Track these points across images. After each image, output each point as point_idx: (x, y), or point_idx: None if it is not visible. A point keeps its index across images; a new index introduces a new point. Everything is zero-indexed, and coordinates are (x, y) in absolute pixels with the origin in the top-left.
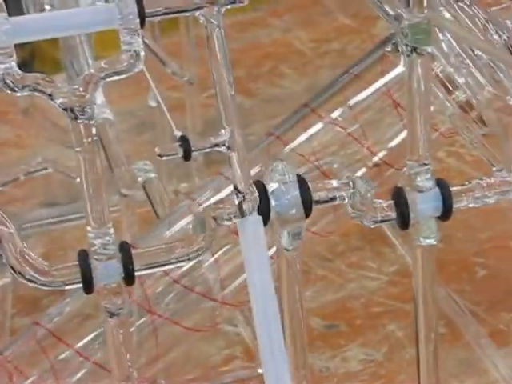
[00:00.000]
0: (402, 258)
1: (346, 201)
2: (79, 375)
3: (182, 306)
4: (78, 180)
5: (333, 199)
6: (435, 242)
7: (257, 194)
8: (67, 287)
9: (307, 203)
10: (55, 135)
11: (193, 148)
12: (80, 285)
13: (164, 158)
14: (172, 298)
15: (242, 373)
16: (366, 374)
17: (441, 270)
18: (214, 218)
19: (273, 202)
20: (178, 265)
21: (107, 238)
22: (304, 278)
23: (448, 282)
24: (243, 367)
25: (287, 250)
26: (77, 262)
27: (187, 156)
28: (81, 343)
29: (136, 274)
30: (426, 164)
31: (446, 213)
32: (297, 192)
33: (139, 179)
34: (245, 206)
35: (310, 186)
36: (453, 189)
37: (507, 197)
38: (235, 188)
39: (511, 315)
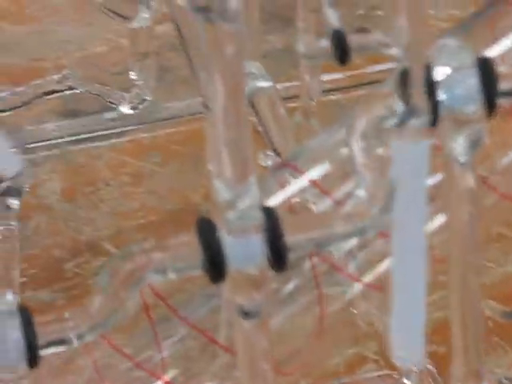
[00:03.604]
0: None
1: None
2: None
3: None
4: None
5: None
6: None
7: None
8: None
9: (491, 95)
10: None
11: None
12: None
13: None
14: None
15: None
16: None
17: None
18: None
19: (442, 95)
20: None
21: (249, 198)
22: None
23: None
24: (378, 375)
25: (460, 164)
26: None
27: None
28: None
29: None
30: None
31: None
32: (475, 80)
33: None
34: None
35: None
36: None
37: None
38: None
39: None
